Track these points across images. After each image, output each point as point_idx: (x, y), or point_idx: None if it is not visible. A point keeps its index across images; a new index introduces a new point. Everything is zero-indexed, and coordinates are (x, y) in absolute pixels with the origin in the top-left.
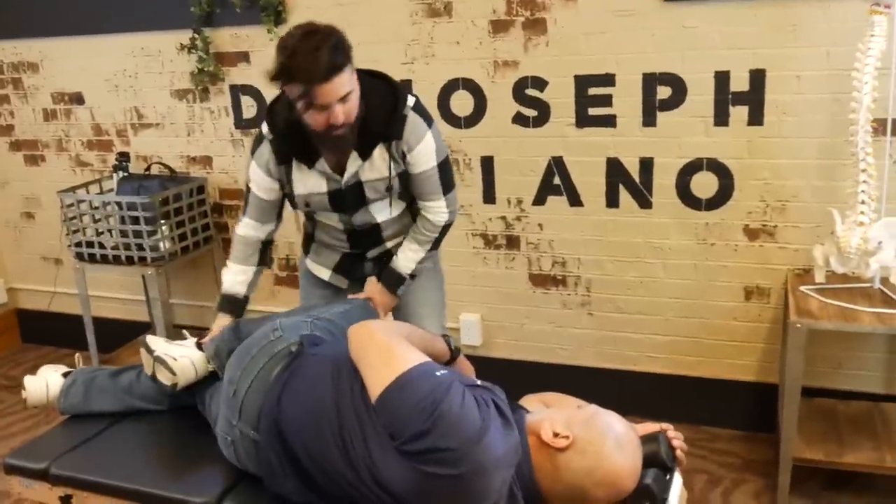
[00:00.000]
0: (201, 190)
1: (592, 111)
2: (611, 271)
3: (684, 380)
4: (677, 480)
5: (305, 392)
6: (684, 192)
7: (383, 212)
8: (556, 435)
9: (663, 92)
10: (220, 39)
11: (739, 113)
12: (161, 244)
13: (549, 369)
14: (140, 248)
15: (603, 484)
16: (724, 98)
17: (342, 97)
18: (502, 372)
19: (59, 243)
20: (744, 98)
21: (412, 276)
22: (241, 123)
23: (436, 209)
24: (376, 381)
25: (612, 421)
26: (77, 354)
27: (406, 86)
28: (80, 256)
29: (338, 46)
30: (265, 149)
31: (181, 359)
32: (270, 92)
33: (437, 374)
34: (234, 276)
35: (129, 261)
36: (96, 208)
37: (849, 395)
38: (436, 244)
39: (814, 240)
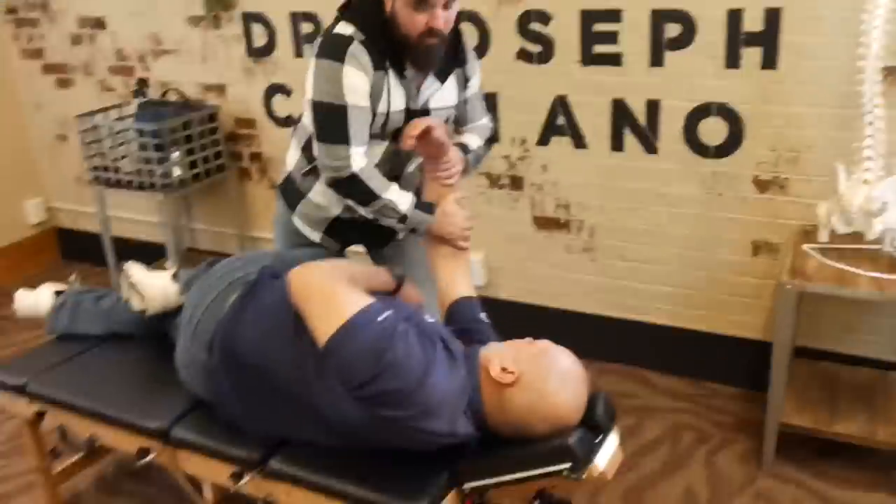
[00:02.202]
0: (213, 118)
1: (598, 49)
2: (615, 217)
3: (687, 332)
4: (611, 442)
5: (262, 318)
6: (692, 137)
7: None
8: (503, 370)
9: (672, 30)
10: None
11: (752, 55)
12: (172, 171)
13: (552, 314)
14: (151, 174)
15: (546, 419)
16: (735, 38)
17: (448, 2)
18: (505, 314)
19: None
20: (757, 39)
21: (467, 150)
22: (253, 52)
23: (485, 127)
24: (321, 330)
25: (559, 356)
26: (73, 275)
27: None
28: (97, 180)
29: None
30: (358, 49)
31: (152, 287)
32: (280, 19)
33: (380, 318)
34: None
35: (142, 186)
36: (117, 133)
37: (858, 361)
38: (487, 145)
39: (828, 195)
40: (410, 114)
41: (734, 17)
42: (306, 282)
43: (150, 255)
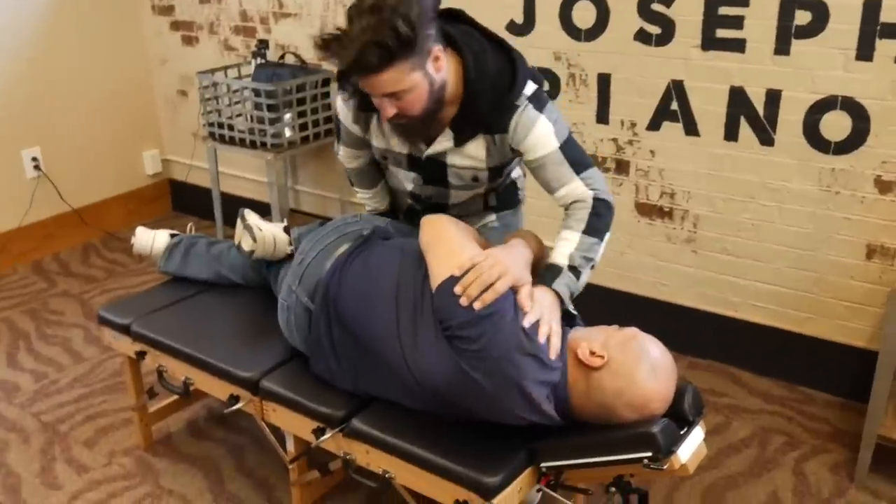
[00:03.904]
0: (326, 83)
1: (720, 33)
2: (721, 209)
3: (788, 334)
4: (696, 436)
5: (367, 274)
6: (812, 131)
7: (459, 196)
8: (592, 353)
9: (802, 17)
10: None
11: (887, 47)
12: (283, 131)
13: (648, 304)
14: (263, 133)
15: (632, 406)
16: (870, 29)
17: (392, 93)
18: (599, 300)
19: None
20: (894, 31)
21: (572, 267)
22: None
23: (574, 193)
24: (442, 269)
25: (648, 345)
26: (190, 224)
27: (525, 62)
28: (212, 136)
29: (398, 35)
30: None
31: (266, 231)
32: None
33: None
34: (370, 199)
35: (253, 145)
36: (234, 91)
37: None
38: (594, 229)
39: None
40: (414, 160)
41: (871, 5)
42: (440, 226)
43: (256, 212)
